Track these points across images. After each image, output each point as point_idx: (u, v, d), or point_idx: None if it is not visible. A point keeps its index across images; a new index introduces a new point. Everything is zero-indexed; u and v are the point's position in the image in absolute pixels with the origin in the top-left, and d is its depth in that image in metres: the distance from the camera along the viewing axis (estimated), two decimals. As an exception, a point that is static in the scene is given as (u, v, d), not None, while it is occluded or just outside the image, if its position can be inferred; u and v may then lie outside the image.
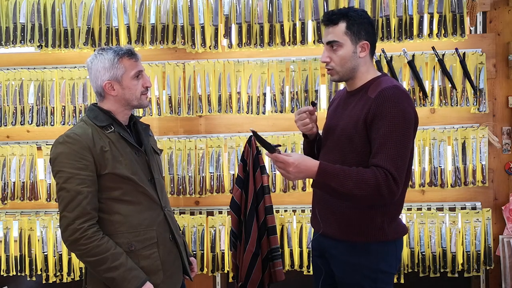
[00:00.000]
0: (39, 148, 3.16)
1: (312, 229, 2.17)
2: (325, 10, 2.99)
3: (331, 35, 1.88)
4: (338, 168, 1.77)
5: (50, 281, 3.15)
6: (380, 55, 2.99)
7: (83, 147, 1.84)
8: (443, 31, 2.95)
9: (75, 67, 3.14)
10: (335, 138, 1.96)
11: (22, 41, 3.12)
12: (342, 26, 1.87)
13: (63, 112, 3.11)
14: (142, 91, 1.98)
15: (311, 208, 2.14)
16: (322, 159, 2.01)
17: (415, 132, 1.89)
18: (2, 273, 3.16)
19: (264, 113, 3.06)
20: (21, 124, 3.13)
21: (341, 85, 2.88)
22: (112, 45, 3.07)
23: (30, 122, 3.13)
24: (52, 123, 3.11)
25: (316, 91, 3.02)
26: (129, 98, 1.96)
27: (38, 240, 3.15)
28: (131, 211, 1.92)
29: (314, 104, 2.01)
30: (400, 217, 2.00)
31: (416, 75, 2.97)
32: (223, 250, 3.12)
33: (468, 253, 2.99)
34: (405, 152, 1.79)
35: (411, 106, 1.83)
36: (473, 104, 2.97)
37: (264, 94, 3.06)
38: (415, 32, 2.97)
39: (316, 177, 1.76)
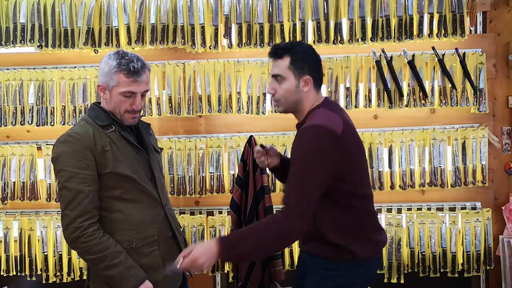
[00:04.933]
0: (39, 148, 3.16)
1: None
2: (325, 10, 2.99)
3: (276, 69, 1.93)
4: (236, 233, 1.82)
5: (50, 281, 3.15)
6: (380, 55, 2.99)
7: (84, 147, 1.87)
8: (443, 31, 2.95)
9: (75, 67, 3.14)
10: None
11: (22, 41, 3.12)
12: (286, 60, 1.91)
13: (63, 112, 3.11)
14: (127, 109, 1.95)
15: None
16: None
17: (324, 170, 1.82)
18: (2, 273, 3.16)
19: (264, 113, 3.06)
20: (21, 124, 3.12)
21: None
22: (112, 45, 3.07)
23: (30, 122, 3.13)
24: (52, 123, 3.11)
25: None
26: (113, 109, 1.97)
27: (38, 240, 3.15)
28: (132, 209, 1.95)
29: (262, 147, 2.14)
30: (373, 236, 1.97)
31: (416, 75, 2.97)
32: (223, 250, 3.12)
33: (468, 253, 2.99)
34: (308, 184, 1.77)
35: (326, 143, 1.80)
36: (473, 104, 2.97)
37: (264, 94, 3.06)
38: (415, 32, 2.97)
39: (220, 255, 1.75)
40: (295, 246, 3.05)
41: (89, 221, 1.85)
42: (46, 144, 3.15)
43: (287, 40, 3.01)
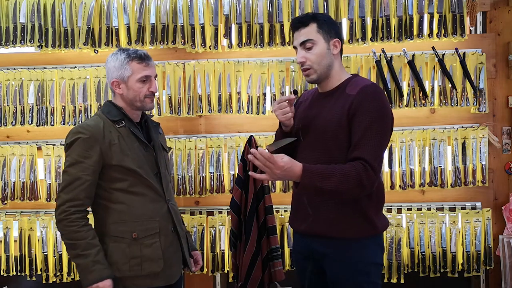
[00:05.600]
0: (39, 148, 3.16)
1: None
2: (325, 10, 2.99)
3: (303, 36, 1.97)
4: (320, 168, 1.82)
5: (50, 281, 3.15)
6: (380, 55, 2.99)
7: (93, 139, 2.01)
8: (443, 31, 2.95)
9: (75, 67, 3.14)
10: (316, 136, 1.99)
11: (22, 41, 3.12)
12: (313, 26, 1.96)
13: (63, 112, 3.11)
14: (146, 94, 2.11)
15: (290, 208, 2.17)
16: (301, 158, 2.03)
17: (392, 129, 1.96)
18: (2, 273, 3.16)
19: (264, 113, 3.06)
20: (21, 124, 3.12)
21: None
22: (112, 45, 3.07)
23: (30, 122, 3.13)
24: (52, 123, 3.11)
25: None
26: (133, 98, 2.11)
27: (38, 240, 3.15)
28: (135, 202, 2.06)
29: (295, 93, 2.09)
30: (383, 211, 2.07)
31: (416, 75, 2.97)
32: (223, 250, 3.12)
33: (468, 253, 2.99)
34: (383, 143, 1.88)
35: (389, 103, 1.94)
36: (473, 104, 2.97)
37: (264, 94, 3.06)
38: (415, 32, 2.97)
39: (301, 180, 1.79)
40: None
41: (76, 208, 1.98)
42: (46, 144, 3.15)
43: (287, 40, 3.01)
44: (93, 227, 2.05)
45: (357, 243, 1.93)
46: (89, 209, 2.09)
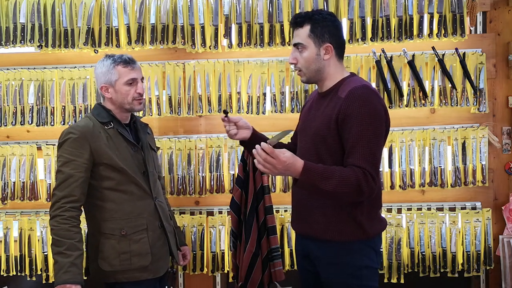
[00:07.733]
0: (39, 148, 3.16)
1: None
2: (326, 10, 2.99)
3: (297, 38, 1.96)
4: (321, 167, 1.80)
5: (50, 281, 3.15)
6: (380, 55, 2.99)
7: (83, 138, 2.10)
8: (443, 31, 2.95)
9: (75, 67, 3.14)
10: (309, 139, 2.00)
11: (22, 41, 3.12)
12: (306, 28, 1.94)
13: (63, 112, 3.11)
14: (134, 96, 2.21)
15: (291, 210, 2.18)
16: None
17: (387, 130, 1.94)
18: (2, 273, 3.16)
19: (264, 113, 3.06)
20: (21, 124, 3.12)
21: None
22: (112, 45, 3.07)
23: (30, 122, 3.13)
24: (52, 123, 3.11)
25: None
26: (121, 101, 2.21)
27: (38, 240, 3.15)
28: (124, 200, 2.17)
29: (225, 112, 2.17)
30: (379, 212, 2.05)
31: (416, 75, 2.97)
32: (223, 250, 3.12)
33: (468, 253, 2.99)
34: (378, 149, 1.85)
35: (381, 104, 1.88)
36: (473, 104, 2.97)
37: (264, 94, 3.06)
38: (415, 32, 2.97)
39: (300, 176, 1.77)
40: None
41: (72, 204, 2.05)
42: (46, 144, 3.15)
43: (287, 40, 3.01)
44: (85, 225, 2.14)
45: (348, 247, 1.93)
46: (81, 208, 2.15)
